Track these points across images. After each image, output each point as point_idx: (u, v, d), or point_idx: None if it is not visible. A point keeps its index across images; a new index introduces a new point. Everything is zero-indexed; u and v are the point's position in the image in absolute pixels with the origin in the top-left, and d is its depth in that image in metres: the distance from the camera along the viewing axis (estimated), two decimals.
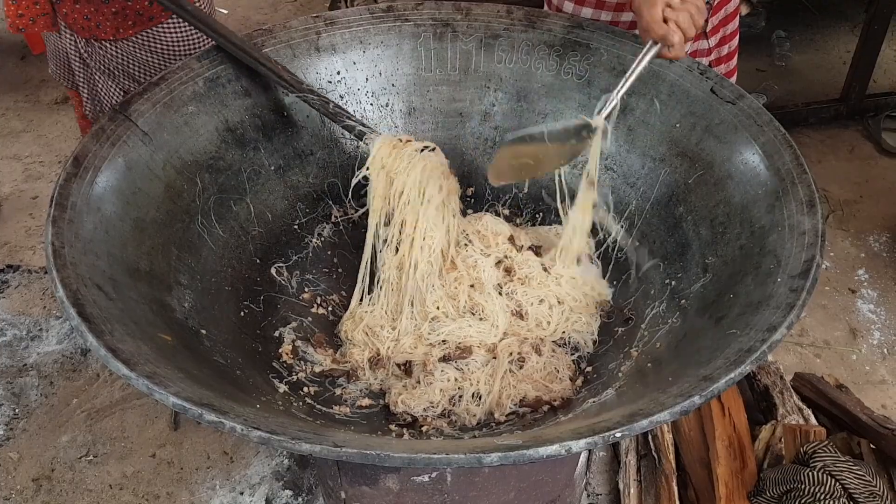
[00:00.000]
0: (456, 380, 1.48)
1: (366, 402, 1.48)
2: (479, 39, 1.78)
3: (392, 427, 1.42)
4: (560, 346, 1.56)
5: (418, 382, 1.48)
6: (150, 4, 1.93)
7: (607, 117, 1.45)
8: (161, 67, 2.05)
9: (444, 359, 1.51)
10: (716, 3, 1.85)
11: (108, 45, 1.97)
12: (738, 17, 1.96)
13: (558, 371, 1.50)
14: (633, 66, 1.40)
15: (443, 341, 1.53)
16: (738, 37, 1.98)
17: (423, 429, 1.41)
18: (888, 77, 3.50)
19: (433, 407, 1.45)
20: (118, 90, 2.06)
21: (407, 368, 1.51)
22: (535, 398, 1.44)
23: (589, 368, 1.52)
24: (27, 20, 1.92)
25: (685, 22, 1.33)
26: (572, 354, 1.55)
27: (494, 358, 1.51)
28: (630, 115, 1.67)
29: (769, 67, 3.57)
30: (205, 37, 2.02)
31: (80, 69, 2.05)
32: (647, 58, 1.39)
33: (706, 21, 1.86)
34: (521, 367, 1.49)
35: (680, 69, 1.62)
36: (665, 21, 1.34)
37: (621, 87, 1.42)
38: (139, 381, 1.04)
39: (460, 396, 1.47)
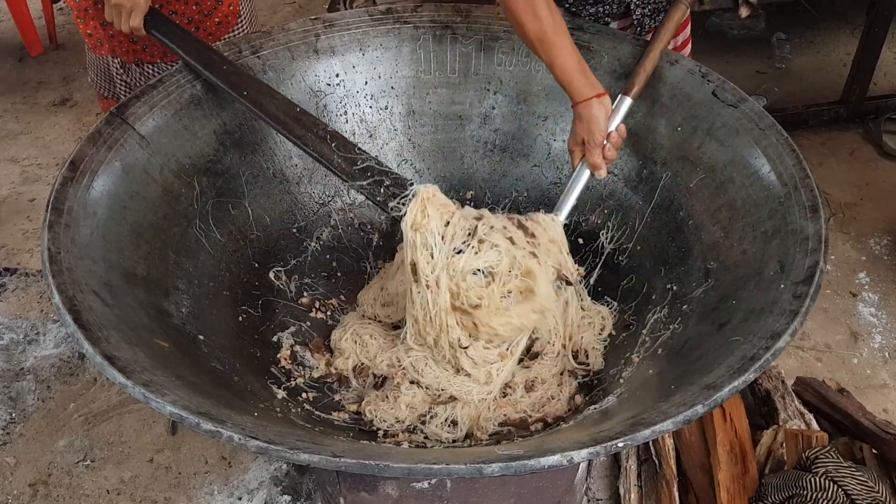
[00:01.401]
0: (424, 399, 1.44)
1: (354, 407, 1.46)
2: (479, 42, 1.76)
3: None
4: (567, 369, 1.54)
5: (386, 398, 1.45)
6: (196, 30, 1.91)
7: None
8: None
9: (415, 382, 1.47)
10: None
11: (146, 67, 1.96)
12: (689, 28, 1.93)
13: (553, 398, 1.46)
14: (572, 185, 1.57)
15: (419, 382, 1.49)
16: (690, 45, 1.96)
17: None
18: (888, 79, 3.49)
19: (399, 422, 1.42)
20: None
21: (378, 383, 1.49)
22: (519, 419, 1.41)
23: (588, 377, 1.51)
24: (95, 40, 1.91)
25: (614, 155, 1.54)
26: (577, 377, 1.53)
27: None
28: (631, 118, 1.66)
29: (769, 69, 3.56)
30: None
31: (122, 87, 2.03)
32: (585, 178, 1.56)
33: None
34: (504, 396, 1.44)
35: (681, 72, 1.61)
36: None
37: (568, 203, 1.56)
38: (135, 389, 1.03)
39: (432, 417, 1.42)
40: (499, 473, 0.95)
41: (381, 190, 1.46)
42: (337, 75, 1.75)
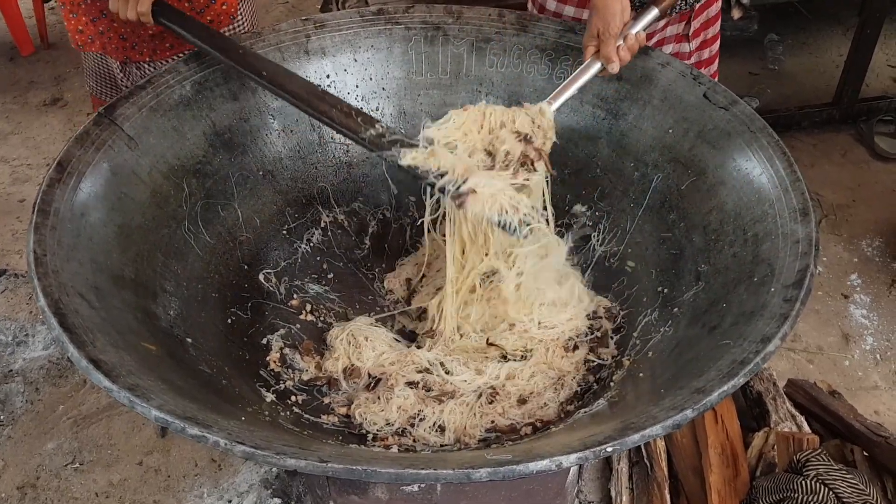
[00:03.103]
0: (415, 403, 1.44)
1: (343, 410, 1.45)
2: (471, 43, 1.76)
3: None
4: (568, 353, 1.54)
5: (378, 398, 1.44)
6: None
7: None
8: None
9: (411, 383, 1.46)
10: (698, 6, 1.83)
11: (145, 66, 1.95)
12: (719, 22, 1.94)
13: (546, 405, 1.45)
14: (576, 76, 1.54)
15: (426, 370, 1.49)
16: (719, 41, 1.97)
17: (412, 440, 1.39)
18: (880, 81, 3.50)
19: (389, 425, 1.41)
20: None
21: (370, 384, 1.48)
22: (508, 425, 1.40)
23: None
24: (86, 37, 1.90)
25: (628, 57, 1.53)
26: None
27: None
28: (622, 120, 1.66)
29: (762, 71, 3.56)
30: None
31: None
32: (591, 73, 1.54)
33: (688, 24, 1.85)
34: (490, 403, 1.43)
35: (673, 74, 1.61)
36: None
37: (566, 92, 1.53)
38: (121, 393, 1.02)
39: (421, 419, 1.41)
40: (487, 479, 0.95)
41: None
42: (328, 76, 1.74)
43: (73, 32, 1.91)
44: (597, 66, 1.53)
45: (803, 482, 1.67)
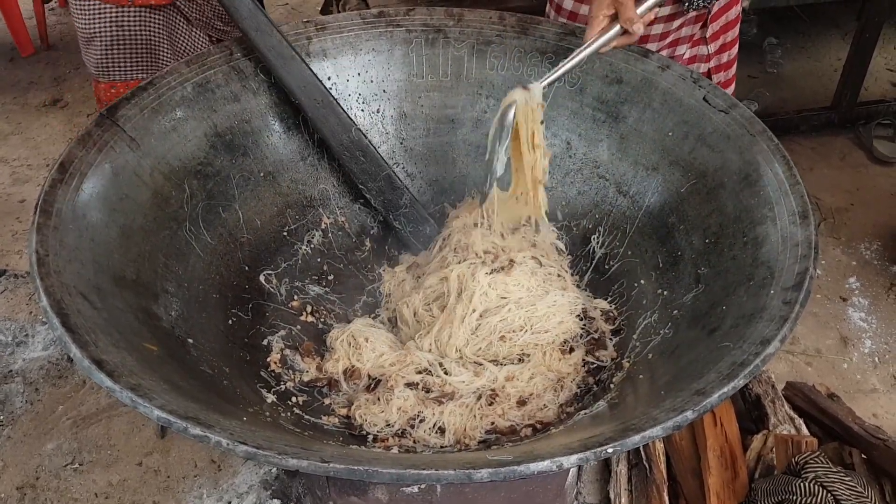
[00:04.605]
0: (415, 404, 1.44)
1: (344, 411, 1.45)
2: (472, 46, 1.76)
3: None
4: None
5: (378, 400, 1.44)
6: None
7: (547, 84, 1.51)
8: None
9: (410, 384, 1.46)
10: (716, 9, 1.84)
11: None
12: (738, 26, 1.94)
13: (545, 407, 1.45)
14: (592, 42, 1.48)
15: (426, 370, 1.49)
16: (737, 45, 1.97)
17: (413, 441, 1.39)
18: (879, 85, 3.51)
19: (389, 426, 1.41)
20: (204, 36, 2.23)
21: (370, 386, 1.48)
22: (508, 427, 1.40)
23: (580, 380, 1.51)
24: None
25: (648, 17, 1.48)
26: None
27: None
28: (622, 123, 1.66)
29: (760, 74, 3.58)
30: None
31: (166, 40, 2.13)
32: (606, 37, 1.48)
33: (705, 26, 1.85)
34: (490, 405, 1.44)
35: (673, 77, 1.61)
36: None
37: (574, 60, 1.49)
38: (123, 393, 1.02)
39: (421, 421, 1.41)
40: (488, 479, 0.95)
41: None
42: (329, 78, 1.74)
43: None
44: (612, 32, 1.47)
45: (802, 484, 1.67)
